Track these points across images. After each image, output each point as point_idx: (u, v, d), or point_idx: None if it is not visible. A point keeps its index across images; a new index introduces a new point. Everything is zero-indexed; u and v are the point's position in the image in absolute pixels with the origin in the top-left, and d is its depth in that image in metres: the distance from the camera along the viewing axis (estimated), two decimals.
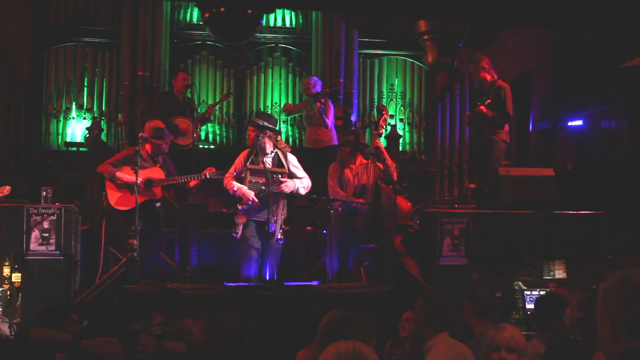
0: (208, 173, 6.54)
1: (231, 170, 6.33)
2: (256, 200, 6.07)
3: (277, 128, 6.56)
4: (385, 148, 6.71)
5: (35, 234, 6.22)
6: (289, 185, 6.19)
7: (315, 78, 8.29)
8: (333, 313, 2.74)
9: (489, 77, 7.59)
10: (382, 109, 6.67)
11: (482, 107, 7.42)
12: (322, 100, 7.97)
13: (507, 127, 7.63)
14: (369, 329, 2.71)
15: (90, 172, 6.49)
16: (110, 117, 8.66)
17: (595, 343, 2.21)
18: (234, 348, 3.21)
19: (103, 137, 8.02)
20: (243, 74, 8.96)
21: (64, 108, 8.60)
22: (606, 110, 8.86)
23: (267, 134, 6.26)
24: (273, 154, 6.33)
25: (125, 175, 6.31)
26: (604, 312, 1.96)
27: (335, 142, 8.02)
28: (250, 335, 3.83)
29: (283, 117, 8.74)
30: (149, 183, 6.34)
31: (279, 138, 6.49)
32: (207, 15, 3.49)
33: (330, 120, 8.05)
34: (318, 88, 8.16)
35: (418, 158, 9.12)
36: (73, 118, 8.65)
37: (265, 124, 6.27)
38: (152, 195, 6.46)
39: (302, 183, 6.31)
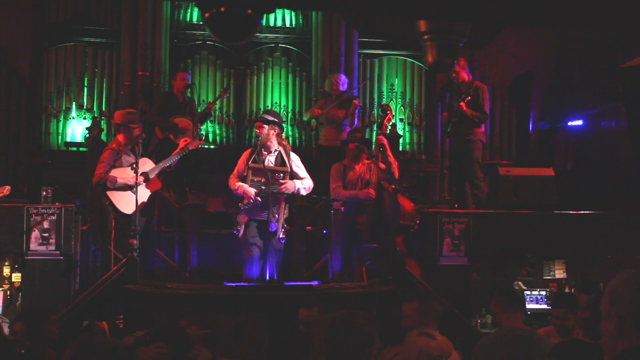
0: (185, 145, 6.56)
1: (235, 171, 6.33)
2: (258, 198, 6.07)
3: (282, 125, 6.58)
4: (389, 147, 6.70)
5: (35, 234, 6.23)
6: (288, 187, 6.18)
7: (343, 76, 8.20)
8: (337, 313, 2.75)
9: (467, 77, 7.64)
10: (386, 109, 6.67)
11: (462, 104, 7.44)
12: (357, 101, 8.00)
13: (483, 127, 7.70)
14: (373, 329, 2.71)
15: (90, 172, 6.47)
16: (110, 117, 8.65)
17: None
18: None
19: (103, 137, 8.01)
20: (243, 74, 8.95)
21: (64, 108, 8.59)
22: (606, 110, 8.87)
23: (276, 131, 6.28)
24: (276, 153, 6.33)
25: (125, 177, 6.27)
26: (611, 308, 1.97)
27: None
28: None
29: (305, 119, 8.70)
30: (145, 177, 6.33)
31: (282, 136, 6.50)
32: (207, 15, 3.49)
33: (355, 123, 8.08)
34: (345, 87, 8.10)
35: (418, 158, 9.12)
36: (73, 118, 8.64)
37: (275, 119, 6.30)
38: (156, 186, 6.46)
39: (303, 184, 6.29)
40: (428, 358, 2.72)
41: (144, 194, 6.28)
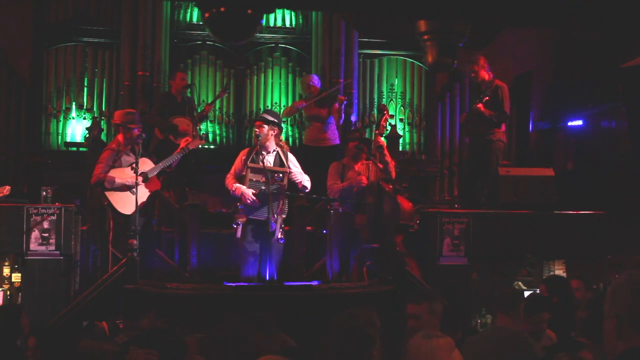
0: (185, 145, 6.56)
1: (232, 170, 6.33)
2: (255, 198, 6.06)
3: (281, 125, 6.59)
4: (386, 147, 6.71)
5: (35, 234, 6.23)
6: (296, 174, 6.19)
7: (315, 76, 8.27)
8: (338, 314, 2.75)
9: (487, 76, 7.61)
10: (383, 109, 6.68)
11: (479, 105, 7.42)
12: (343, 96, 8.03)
13: (504, 127, 7.65)
14: (376, 329, 2.71)
15: (90, 172, 6.47)
16: (110, 117, 8.65)
17: (599, 343, 2.22)
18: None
19: (103, 137, 8.02)
20: (243, 74, 8.95)
21: (64, 108, 8.59)
22: (606, 110, 8.86)
23: (275, 131, 6.28)
24: (274, 153, 6.33)
25: (123, 177, 6.26)
26: (611, 308, 1.97)
27: (337, 142, 8.01)
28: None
29: (284, 118, 8.76)
30: (145, 177, 6.32)
31: (280, 137, 6.50)
32: (207, 15, 3.49)
33: (341, 119, 8.09)
34: (319, 84, 8.16)
35: (418, 158, 9.12)
36: (73, 118, 8.64)
37: (274, 119, 6.30)
38: (155, 186, 6.45)
39: (303, 177, 6.32)
40: (436, 357, 2.71)
41: (143, 194, 6.28)
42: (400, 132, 8.61)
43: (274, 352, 3.56)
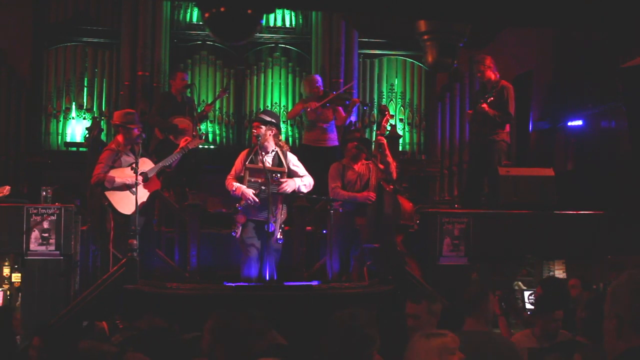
0: (185, 145, 6.56)
1: (232, 172, 6.33)
2: (255, 198, 6.06)
3: (280, 126, 6.58)
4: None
5: (35, 234, 6.23)
6: (289, 185, 6.18)
7: (318, 76, 8.26)
8: (338, 313, 2.75)
9: (493, 76, 7.59)
10: (384, 110, 6.67)
11: (484, 105, 7.41)
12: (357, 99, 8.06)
13: (507, 128, 7.64)
14: (376, 329, 2.71)
15: (90, 172, 6.47)
16: (110, 117, 8.65)
17: (599, 343, 2.22)
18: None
19: (103, 137, 8.02)
20: (243, 74, 8.95)
21: (63, 108, 8.60)
22: (606, 110, 8.87)
23: (274, 131, 6.27)
24: (273, 153, 6.33)
25: (123, 177, 6.26)
26: (611, 308, 1.98)
27: (337, 143, 8.01)
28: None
29: (290, 121, 8.77)
30: (145, 177, 6.33)
31: (279, 137, 6.50)
32: (207, 15, 3.49)
33: (348, 120, 8.11)
34: (322, 85, 8.18)
35: (418, 158, 9.12)
36: (73, 118, 8.64)
37: (272, 120, 6.29)
38: (155, 186, 6.45)
39: (302, 181, 6.29)
40: (442, 355, 2.71)
41: (143, 194, 6.28)
42: (400, 132, 8.61)
43: (269, 353, 3.56)
